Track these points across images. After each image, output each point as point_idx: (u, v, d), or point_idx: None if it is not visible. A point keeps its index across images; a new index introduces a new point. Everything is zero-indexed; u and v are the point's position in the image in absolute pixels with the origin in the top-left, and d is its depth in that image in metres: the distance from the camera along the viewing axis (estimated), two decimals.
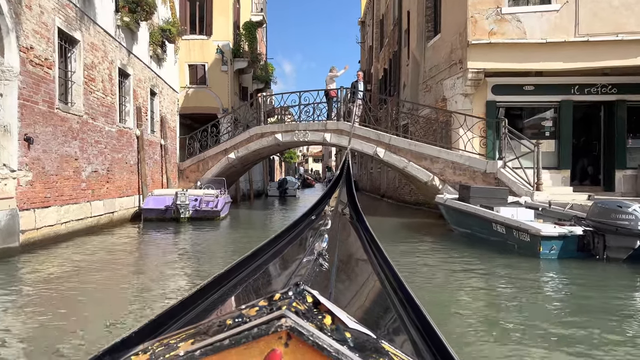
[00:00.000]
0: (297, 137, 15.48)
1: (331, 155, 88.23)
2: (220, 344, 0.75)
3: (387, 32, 26.75)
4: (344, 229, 2.75)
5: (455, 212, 9.56)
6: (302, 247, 2.24)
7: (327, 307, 0.85)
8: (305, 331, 0.74)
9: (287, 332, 0.73)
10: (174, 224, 12.19)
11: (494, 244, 8.19)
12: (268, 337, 0.74)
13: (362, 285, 1.98)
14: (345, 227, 2.87)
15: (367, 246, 2.73)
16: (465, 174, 12.73)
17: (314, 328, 0.76)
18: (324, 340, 0.74)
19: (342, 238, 2.47)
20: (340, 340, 0.78)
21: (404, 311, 1.74)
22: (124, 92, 12.87)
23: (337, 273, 1.70)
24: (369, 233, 2.91)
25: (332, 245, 1.90)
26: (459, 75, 14.64)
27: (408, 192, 19.77)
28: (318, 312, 0.84)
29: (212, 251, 8.74)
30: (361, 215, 3.21)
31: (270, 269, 2.10)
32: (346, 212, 3.22)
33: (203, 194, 12.95)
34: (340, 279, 1.71)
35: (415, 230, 11.37)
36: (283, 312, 0.77)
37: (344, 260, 2.11)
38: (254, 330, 0.75)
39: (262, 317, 0.77)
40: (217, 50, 22.23)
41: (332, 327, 0.81)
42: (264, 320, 0.76)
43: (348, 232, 2.84)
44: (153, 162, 15.06)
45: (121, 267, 7.21)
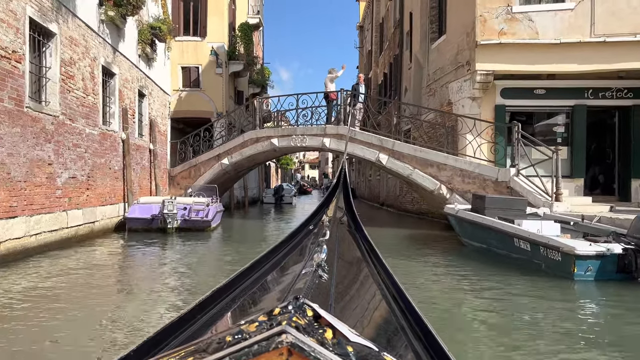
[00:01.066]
0: (295, 142, 14.60)
1: (328, 162, 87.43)
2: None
3: (387, 36, 26.00)
4: (343, 239, 2.68)
5: (468, 225, 8.68)
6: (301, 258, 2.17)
7: (327, 320, 0.83)
8: (307, 347, 0.72)
9: (288, 348, 0.72)
10: (160, 235, 11.25)
11: (516, 262, 7.31)
12: (269, 354, 0.72)
13: (363, 296, 1.95)
14: (344, 236, 2.81)
15: (366, 255, 2.66)
16: (475, 183, 11.86)
17: (315, 343, 0.75)
18: (326, 356, 0.73)
19: (341, 248, 2.41)
20: (342, 354, 0.76)
21: (405, 321, 1.71)
22: (109, 92, 11.97)
23: (336, 284, 1.67)
24: (368, 242, 2.85)
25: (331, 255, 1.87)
26: (466, 78, 13.82)
27: (410, 200, 18.90)
28: (319, 326, 0.82)
29: (198, 268, 7.81)
30: (359, 223, 3.16)
31: (269, 282, 2.06)
32: (344, 221, 3.16)
33: (193, 203, 12.03)
34: (340, 290, 1.68)
35: (422, 243, 10.47)
36: (283, 327, 0.75)
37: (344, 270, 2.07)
38: (254, 347, 0.74)
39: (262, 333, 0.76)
40: (212, 52, 21.37)
41: (334, 342, 0.79)
42: (264, 337, 0.75)
43: (347, 241, 2.79)
44: (141, 168, 14.14)
45: (96, 287, 6.28)
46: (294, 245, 2.62)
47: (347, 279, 2.04)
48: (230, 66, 22.70)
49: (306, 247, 2.41)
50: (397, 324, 1.70)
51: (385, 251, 9.09)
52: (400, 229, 13.49)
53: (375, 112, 14.72)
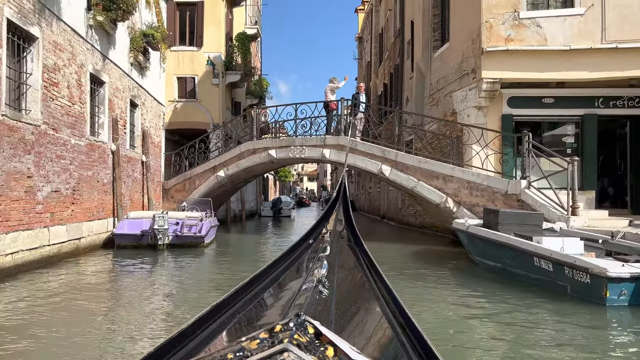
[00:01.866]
0: (293, 153, 14.01)
1: (326, 174, 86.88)
2: None
3: (387, 46, 25.58)
4: (343, 253, 2.67)
5: (480, 242, 8.05)
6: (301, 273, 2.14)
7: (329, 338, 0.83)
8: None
9: None
10: (150, 252, 10.59)
11: (536, 284, 6.67)
12: None
13: (363, 312, 1.93)
14: (344, 251, 2.79)
15: (366, 270, 2.61)
16: (484, 195, 11.25)
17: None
18: None
19: (341, 263, 2.41)
20: None
21: (405, 338, 1.69)
22: (98, 101, 11.39)
23: (337, 300, 1.64)
24: (368, 256, 2.80)
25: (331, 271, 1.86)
26: (471, 87, 13.29)
27: (412, 213, 18.27)
28: (320, 343, 0.82)
29: (187, 291, 7.15)
30: (359, 238, 3.11)
31: (270, 297, 2.05)
32: (344, 235, 3.13)
33: (185, 217, 11.38)
34: (340, 306, 1.65)
35: (428, 261, 9.83)
36: (285, 345, 0.75)
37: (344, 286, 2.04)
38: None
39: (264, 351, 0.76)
40: (208, 62, 20.87)
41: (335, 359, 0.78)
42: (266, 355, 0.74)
43: (347, 256, 2.77)
44: (132, 181, 13.51)
45: (73, 312, 5.62)
46: (293, 260, 2.60)
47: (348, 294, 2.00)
48: (227, 76, 22.21)
49: (306, 262, 2.39)
50: (398, 340, 1.68)
51: (390, 270, 8.44)
52: (403, 245, 12.84)
53: (376, 122, 14.14)
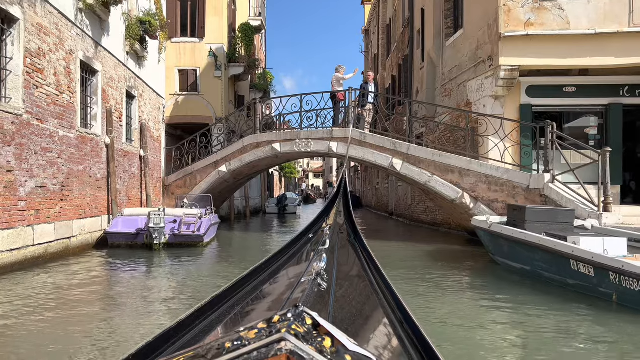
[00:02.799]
0: (298, 147, 13.27)
1: (332, 171, 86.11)
2: None
3: (395, 37, 24.75)
4: (342, 248, 2.64)
5: (505, 242, 7.28)
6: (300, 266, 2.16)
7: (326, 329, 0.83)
8: (305, 354, 0.73)
9: (287, 355, 0.72)
10: (146, 252, 9.90)
11: (574, 290, 5.90)
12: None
13: (361, 305, 1.94)
14: (343, 245, 2.75)
15: (365, 265, 2.59)
16: (503, 190, 10.47)
17: (314, 351, 0.75)
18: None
19: (340, 257, 2.38)
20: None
21: (402, 331, 1.71)
22: (90, 91, 10.69)
23: (335, 293, 1.65)
24: (367, 251, 2.76)
25: (330, 264, 1.84)
26: (487, 75, 12.49)
27: (423, 210, 17.49)
28: (318, 334, 0.82)
29: (181, 295, 6.44)
30: (358, 233, 3.10)
31: (269, 289, 2.05)
32: (344, 230, 3.07)
33: (183, 215, 10.66)
34: (339, 299, 1.65)
35: (444, 261, 9.08)
36: (282, 335, 0.75)
37: (343, 279, 2.03)
38: (253, 354, 0.73)
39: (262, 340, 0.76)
40: (210, 54, 20.13)
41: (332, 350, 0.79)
42: (264, 344, 0.75)
43: (346, 250, 2.73)
44: (129, 177, 12.82)
45: (49, 321, 4.93)
46: (293, 253, 2.60)
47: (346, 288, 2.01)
48: (230, 69, 21.48)
49: (305, 256, 2.39)
50: (395, 334, 1.69)
51: (402, 273, 7.67)
52: (415, 244, 12.07)
53: (386, 113, 13.36)
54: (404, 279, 7.11)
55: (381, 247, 10.78)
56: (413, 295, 6.09)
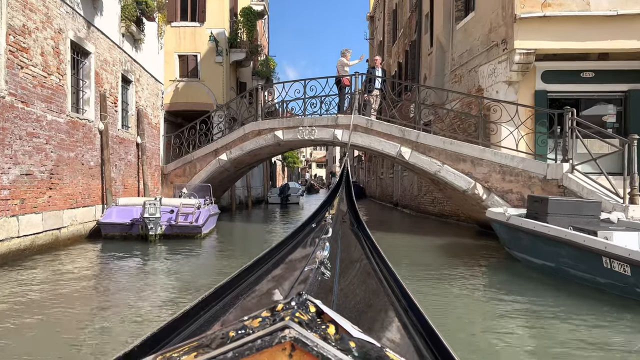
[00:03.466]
0: (302, 134, 12.70)
1: (335, 161, 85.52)
2: (223, 357, 0.74)
3: (401, 22, 24.04)
4: (345, 237, 2.60)
5: (526, 236, 6.73)
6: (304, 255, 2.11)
7: (330, 316, 0.83)
8: (310, 342, 0.73)
9: (291, 343, 0.72)
10: (141, 244, 9.39)
11: (605, 290, 5.36)
12: (272, 349, 0.72)
13: (365, 293, 1.93)
14: (346, 234, 2.71)
15: (369, 253, 2.61)
16: (518, 181, 9.89)
17: (318, 338, 0.75)
18: (329, 351, 0.73)
19: (344, 246, 2.36)
20: (344, 350, 0.76)
21: (407, 318, 1.71)
22: (83, 74, 10.12)
23: (339, 281, 1.64)
24: (370, 240, 2.80)
25: (334, 253, 1.87)
26: (500, 59, 11.87)
27: (430, 201, 16.94)
28: (321, 322, 0.82)
29: (176, 292, 5.92)
30: (361, 222, 3.10)
31: (272, 279, 2.04)
32: (347, 219, 3.07)
33: (180, 205, 10.13)
34: (342, 288, 1.65)
35: (455, 256, 8.54)
36: (286, 322, 0.76)
37: (346, 268, 2.02)
38: (257, 342, 0.74)
39: (265, 329, 0.76)
40: (211, 38, 19.51)
41: (337, 337, 0.80)
42: (268, 332, 0.75)
43: (349, 239, 2.69)
44: (125, 165, 12.30)
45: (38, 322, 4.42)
46: (296, 243, 2.57)
47: (350, 276, 1.99)
48: (232, 54, 20.85)
49: (309, 245, 2.37)
50: (400, 321, 1.68)
51: (411, 269, 7.10)
52: (422, 236, 11.52)
53: (395, 100, 12.76)
54: (413, 276, 6.59)
55: (387, 240, 10.26)
56: (424, 295, 5.57)
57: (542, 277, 6.42)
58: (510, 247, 7.57)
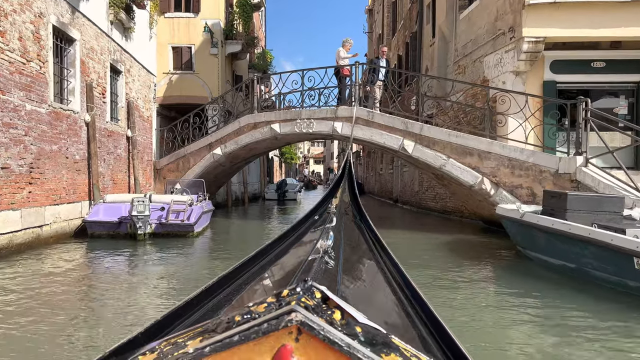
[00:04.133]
0: (299, 127, 12.14)
1: (333, 157, 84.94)
2: (229, 341, 0.72)
3: (401, 14, 23.46)
4: (348, 228, 2.59)
5: (542, 234, 6.21)
6: (307, 246, 2.10)
7: (336, 302, 0.82)
8: (316, 325, 0.72)
9: (297, 326, 0.71)
10: (129, 243, 8.84)
11: (635, 294, 4.85)
12: (278, 333, 0.71)
13: (369, 283, 1.94)
14: (349, 226, 2.71)
15: (372, 244, 2.61)
16: (528, 175, 9.37)
17: (325, 322, 0.74)
18: (335, 335, 0.72)
19: (347, 236, 2.33)
20: (350, 334, 0.75)
21: (411, 308, 1.72)
22: (67, 62, 9.55)
23: (343, 271, 1.62)
24: (373, 232, 2.79)
25: (337, 243, 1.84)
26: (507, 48, 11.34)
27: (432, 197, 16.42)
28: (327, 307, 0.81)
29: (164, 296, 5.39)
30: (364, 214, 3.08)
31: (276, 268, 2.05)
32: (349, 211, 3.04)
33: (171, 202, 9.58)
34: (346, 277, 1.64)
35: (461, 254, 8.02)
36: (293, 307, 0.74)
37: (350, 258, 2.02)
38: (263, 325, 0.72)
39: (272, 313, 0.75)
40: (205, 29, 18.90)
41: (342, 322, 0.78)
42: (274, 316, 0.73)
43: (352, 230, 2.70)
44: (114, 159, 11.73)
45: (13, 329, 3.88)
46: (300, 233, 2.59)
47: (354, 266, 2.00)
48: (227, 46, 20.25)
49: (312, 236, 2.34)
50: (404, 310, 1.68)
51: (415, 269, 6.62)
52: (425, 233, 10.99)
53: (397, 91, 12.21)
54: (419, 278, 6.07)
55: (389, 238, 9.65)
56: (430, 297, 5.05)
57: (561, 279, 5.90)
58: (523, 246, 7.05)
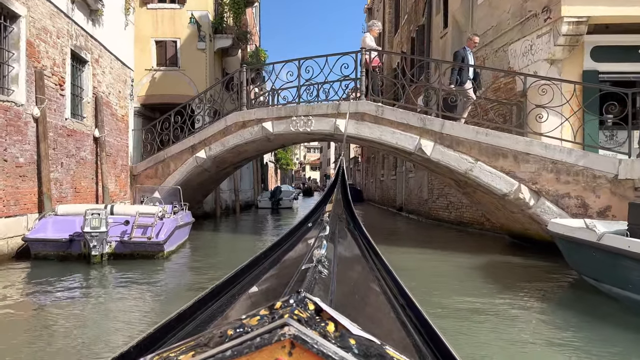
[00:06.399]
0: (296, 125, 10.36)
1: (329, 163, 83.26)
2: (222, 356, 0.71)
3: (405, 9, 21.85)
4: (342, 235, 2.58)
5: (635, 265, 4.43)
6: (301, 254, 2.06)
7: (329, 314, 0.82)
8: (309, 339, 0.71)
9: (290, 340, 0.70)
10: (82, 267, 7.02)
11: None
12: (271, 347, 0.70)
13: (363, 291, 1.91)
14: (343, 233, 2.69)
15: (366, 252, 2.56)
16: (578, 182, 7.61)
17: (318, 336, 0.74)
18: (329, 348, 0.71)
19: (341, 244, 2.33)
20: (344, 347, 0.75)
21: (405, 316, 1.69)
22: (8, 43, 7.75)
23: (337, 279, 1.61)
24: (367, 239, 2.75)
25: (331, 251, 1.83)
26: (541, 32, 9.64)
27: (444, 206, 14.64)
28: (321, 319, 0.81)
29: (112, 341, 3.58)
30: (357, 221, 3.06)
31: (269, 278, 2.00)
32: (343, 218, 3.01)
33: (137, 214, 7.75)
34: (340, 286, 1.62)
35: (501, 281, 6.25)
36: (285, 320, 0.74)
37: (344, 266, 1.98)
38: (256, 339, 0.71)
39: (264, 326, 0.75)
40: (191, 20, 17.15)
41: (336, 335, 0.78)
42: (267, 329, 0.73)
43: (346, 238, 2.67)
44: (76, 163, 9.91)
45: None
46: (293, 242, 2.53)
47: (347, 274, 1.98)
48: (216, 41, 18.48)
49: (305, 244, 2.32)
50: (398, 318, 1.66)
51: (446, 303, 4.56)
52: (443, 251, 9.14)
53: (413, 80, 10.46)
54: (451, 313, 4.33)
55: (399, 255, 7.98)
56: (471, 347, 3.32)
57: None
58: (595, 278, 5.26)
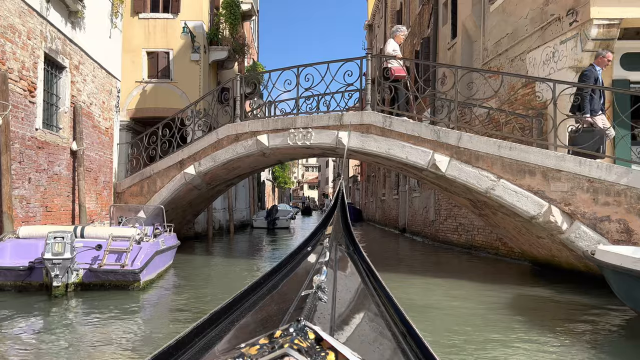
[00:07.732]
0: (294, 139, 9.37)
1: (328, 182, 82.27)
2: None
3: (407, 22, 21.12)
4: (342, 261, 2.60)
5: None
6: (300, 279, 2.02)
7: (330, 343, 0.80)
8: None
9: None
10: (43, 300, 5.94)
11: None
12: None
13: (363, 318, 1.88)
14: (343, 258, 2.71)
15: (365, 277, 2.51)
16: (620, 203, 6.59)
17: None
18: None
19: (340, 269, 2.34)
20: None
21: (405, 343, 1.66)
22: None
23: (337, 306, 1.62)
24: (366, 263, 2.70)
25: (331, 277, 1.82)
26: (565, 38, 8.76)
27: (453, 228, 13.60)
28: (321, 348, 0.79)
29: None
30: (357, 245, 3.03)
31: (268, 304, 1.95)
32: (342, 242, 3.01)
33: (110, 237, 6.68)
34: (340, 312, 1.63)
35: (533, 320, 5.21)
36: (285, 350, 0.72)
37: (344, 292, 1.99)
38: None
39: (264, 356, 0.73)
40: (185, 30, 16.29)
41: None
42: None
43: (345, 263, 2.68)
44: (48, 179, 8.87)
45: None
46: (292, 267, 2.51)
47: (348, 301, 1.95)
48: (211, 53, 17.64)
49: (305, 269, 2.30)
50: (398, 346, 1.64)
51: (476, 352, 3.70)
52: (455, 280, 8.05)
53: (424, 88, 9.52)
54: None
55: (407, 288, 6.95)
56: None
57: None
58: None
